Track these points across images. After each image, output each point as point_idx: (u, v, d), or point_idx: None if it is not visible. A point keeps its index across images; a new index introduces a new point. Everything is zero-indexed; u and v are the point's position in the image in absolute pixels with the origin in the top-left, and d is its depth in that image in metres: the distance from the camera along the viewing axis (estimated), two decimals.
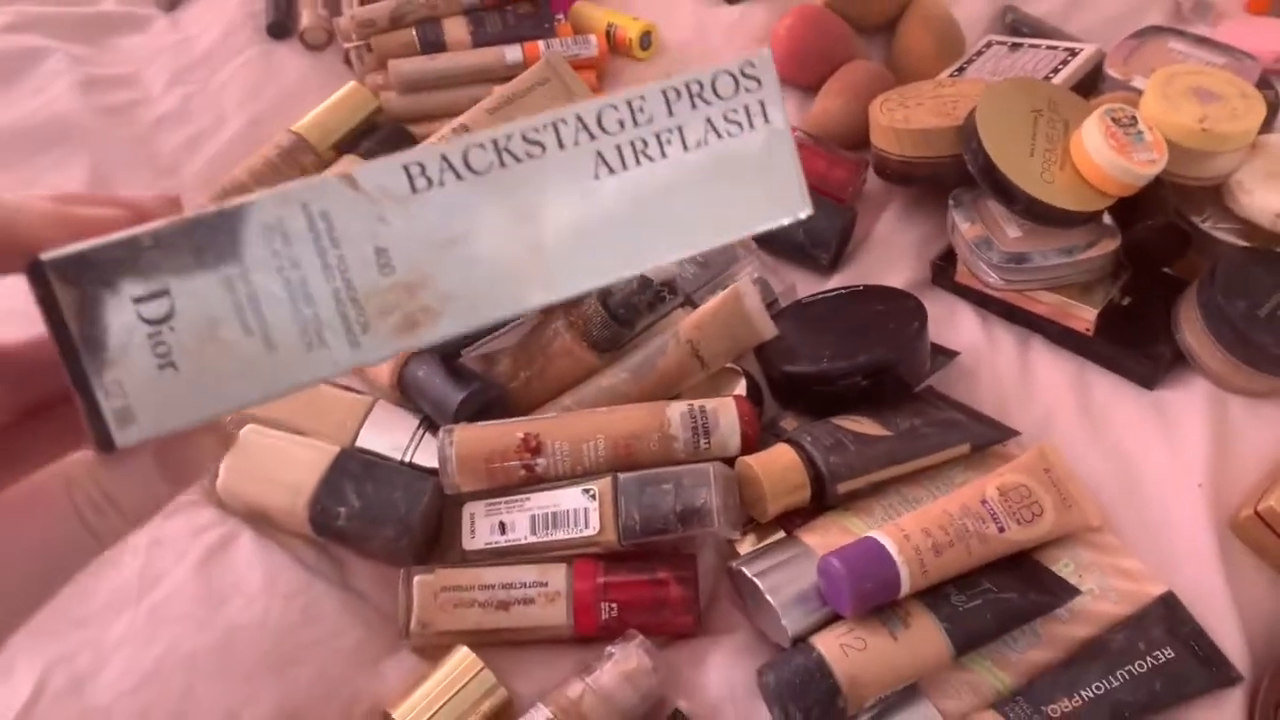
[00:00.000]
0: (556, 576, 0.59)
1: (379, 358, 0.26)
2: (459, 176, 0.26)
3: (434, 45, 0.83)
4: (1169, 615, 0.58)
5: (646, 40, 0.86)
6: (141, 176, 0.79)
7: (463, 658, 0.56)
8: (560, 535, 0.59)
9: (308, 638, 0.59)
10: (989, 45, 0.86)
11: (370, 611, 0.61)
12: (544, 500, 0.60)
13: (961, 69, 0.85)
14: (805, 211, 0.28)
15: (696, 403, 0.62)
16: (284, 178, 0.76)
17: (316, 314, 0.25)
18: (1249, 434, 0.66)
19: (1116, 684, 0.55)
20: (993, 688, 0.56)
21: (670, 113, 0.27)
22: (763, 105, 0.28)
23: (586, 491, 0.60)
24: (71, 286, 0.24)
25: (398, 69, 0.81)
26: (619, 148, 0.27)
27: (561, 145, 0.26)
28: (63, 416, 0.32)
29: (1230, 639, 0.57)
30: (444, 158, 0.26)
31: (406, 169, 0.25)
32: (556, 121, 0.26)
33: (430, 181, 0.26)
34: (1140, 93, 0.75)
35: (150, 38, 0.89)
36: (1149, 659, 0.56)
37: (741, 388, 0.66)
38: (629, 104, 0.27)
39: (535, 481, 0.61)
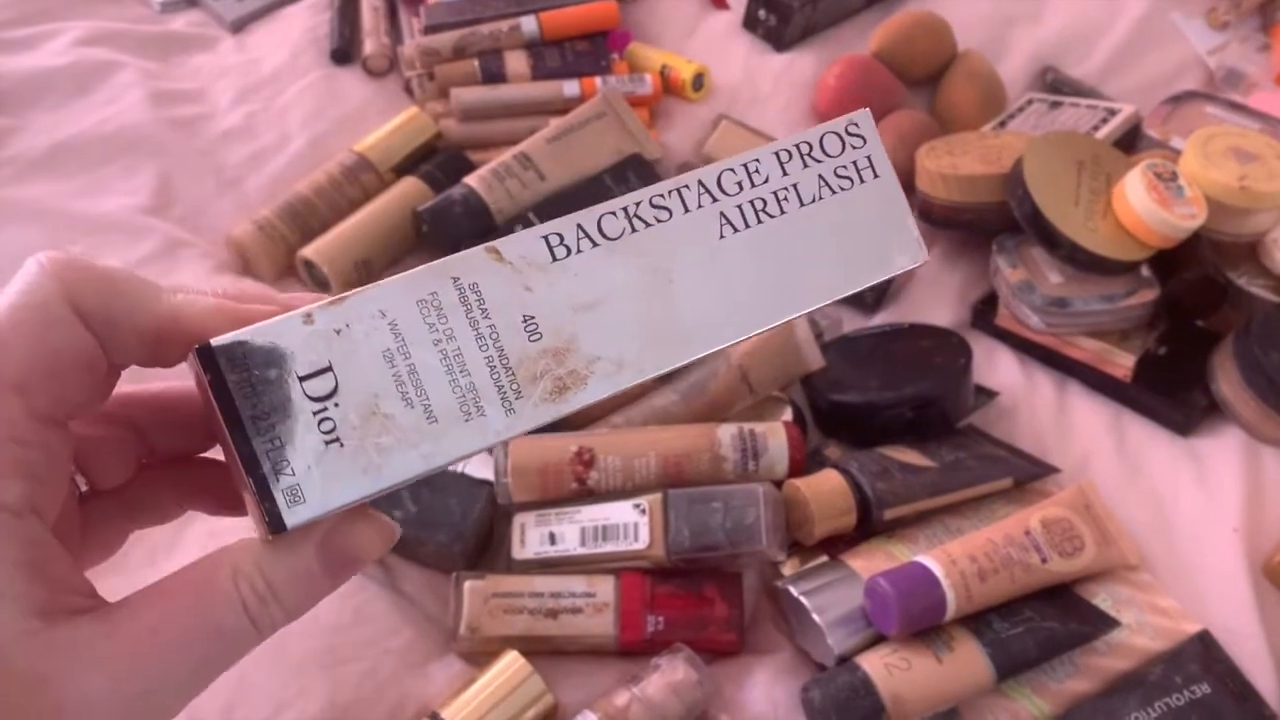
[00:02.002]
0: (605, 588, 0.60)
1: (532, 425, 0.26)
2: (594, 243, 0.27)
3: (495, 76, 0.86)
4: (1205, 652, 0.59)
5: (699, 82, 0.89)
6: (207, 186, 0.81)
7: (511, 661, 0.57)
8: (609, 548, 0.61)
9: (358, 637, 0.60)
10: (1030, 102, 0.89)
11: (419, 615, 0.62)
12: (595, 513, 0.62)
13: (1003, 123, 0.87)
14: (922, 257, 0.29)
15: (747, 425, 0.64)
16: (345, 195, 0.78)
17: (473, 383, 0.26)
18: None
19: (1154, 715, 0.56)
20: (1032, 715, 0.57)
21: (784, 172, 0.28)
22: (870, 160, 0.29)
23: (637, 506, 0.61)
24: (239, 369, 0.25)
25: (459, 97, 0.83)
26: (740, 208, 0.28)
27: (686, 209, 0.28)
28: (186, 471, 0.32)
29: (1264, 677, 0.59)
30: (579, 226, 0.27)
31: (546, 239, 0.27)
32: (680, 187, 0.28)
33: (568, 249, 0.27)
34: (1178, 153, 0.77)
35: (217, 57, 0.91)
36: (1185, 693, 0.57)
37: (788, 415, 0.68)
38: (744, 166, 0.28)
39: (586, 494, 0.63)
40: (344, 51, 0.91)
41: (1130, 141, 0.85)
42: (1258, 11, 1.04)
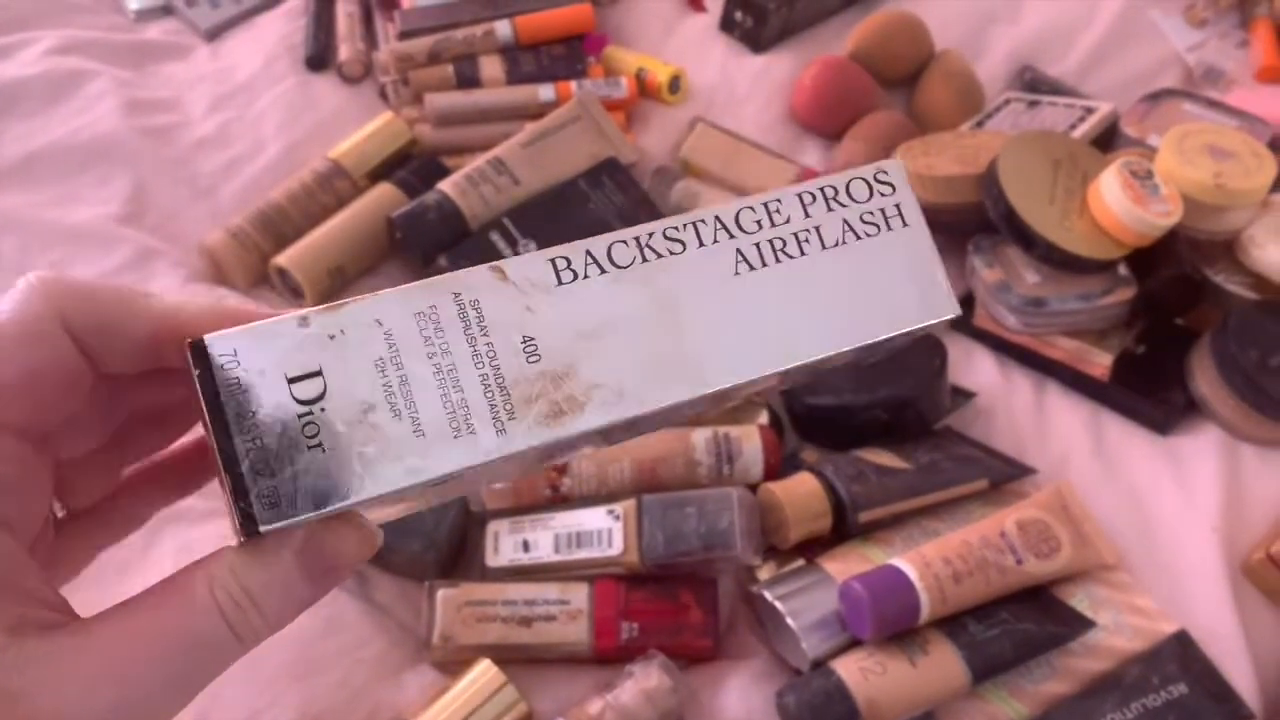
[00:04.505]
0: (578, 595, 0.60)
1: (524, 446, 0.26)
2: (602, 270, 0.26)
3: (470, 81, 0.85)
4: (1182, 652, 0.58)
5: (675, 85, 0.88)
6: (180, 195, 0.80)
7: (484, 670, 0.57)
8: (583, 555, 0.60)
9: (331, 647, 0.59)
10: (1007, 102, 0.89)
11: (392, 624, 0.61)
12: (568, 520, 0.61)
13: (981, 123, 0.87)
14: (951, 313, 0.28)
15: (721, 429, 0.64)
16: (319, 201, 0.78)
17: (465, 399, 0.25)
18: (1260, 481, 0.67)
19: (1131, 716, 0.55)
20: (1009, 718, 0.56)
21: (806, 214, 0.28)
22: (899, 209, 0.28)
23: (611, 512, 0.61)
24: (230, 365, 0.24)
25: (434, 102, 0.83)
26: (758, 245, 0.27)
27: (701, 243, 0.27)
28: (154, 472, 0.31)
29: (1242, 677, 0.58)
30: (588, 252, 0.26)
31: (553, 262, 0.26)
32: (696, 221, 0.27)
33: (575, 274, 0.26)
34: (1155, 151, 0.77)
35: (192, 65, 0.91)
36: (1162, 693, 0.56)
37: (763, 419, 0.67)
38: (765, 205, 0.27)
39: (560, 501, 0.62)
40: (319, 58, 0.90)
41: (1108, 140, 0.85)
42: (1237, 8, 1.03)
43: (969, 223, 0.76)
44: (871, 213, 0.28)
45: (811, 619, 0.57)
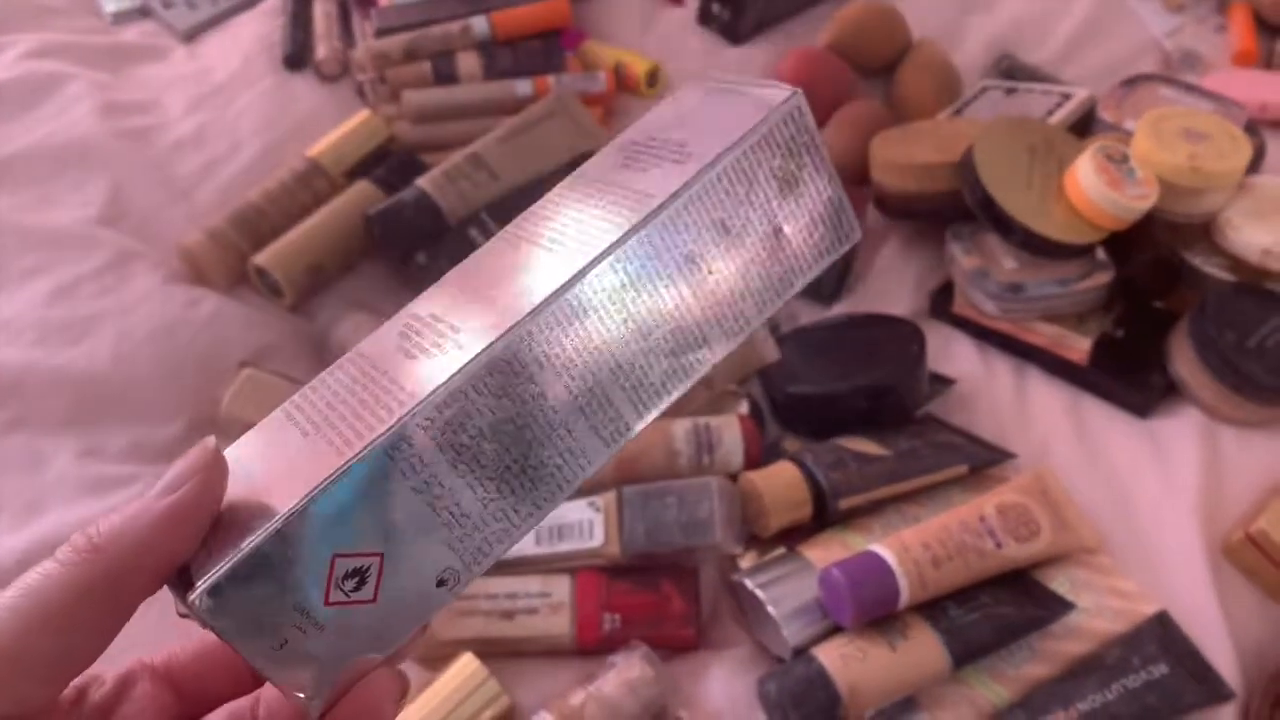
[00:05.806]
0: (560, 588, 0.60)
1: None
2: None
3: (447, 78, 0.85)
4: (1163, 633, 0.59)
5: (653, 78, 0.88)
6: (159, 197, 0.80)
7: (466, 664, 0.57)
8: (565, 547, 0.60)
9: None
10: (985, 90, 0.89)
11: None
12: None
13: (959, 111, 0.87)
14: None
15: (701, 419, 0.64)
16: (297, 200, 0.78)
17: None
18: (1239, 462, 0.67)
19: (1111, 698, 0.55)
20: (990, 701, 0.56)
21: None
22: None
23: (591, 504, 0.61)
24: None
25: (411, 100, 0.83)
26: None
27: None
28: None
29: (1222, 657, 0.58)
30: None
31: None
32: None
33: None
34: (1131, 135, 0.77)
35: (169, 66, 0.91)
36: (1143, 674, 0.56)
37: (744, 409, 0.67)
38: None
39: None
40: (296, 57, 0.90)
41: (1085, 125, 0.85)
42: None
43: (948, 210, 0.76)
44: None
45: (792, 606, 0.57)
